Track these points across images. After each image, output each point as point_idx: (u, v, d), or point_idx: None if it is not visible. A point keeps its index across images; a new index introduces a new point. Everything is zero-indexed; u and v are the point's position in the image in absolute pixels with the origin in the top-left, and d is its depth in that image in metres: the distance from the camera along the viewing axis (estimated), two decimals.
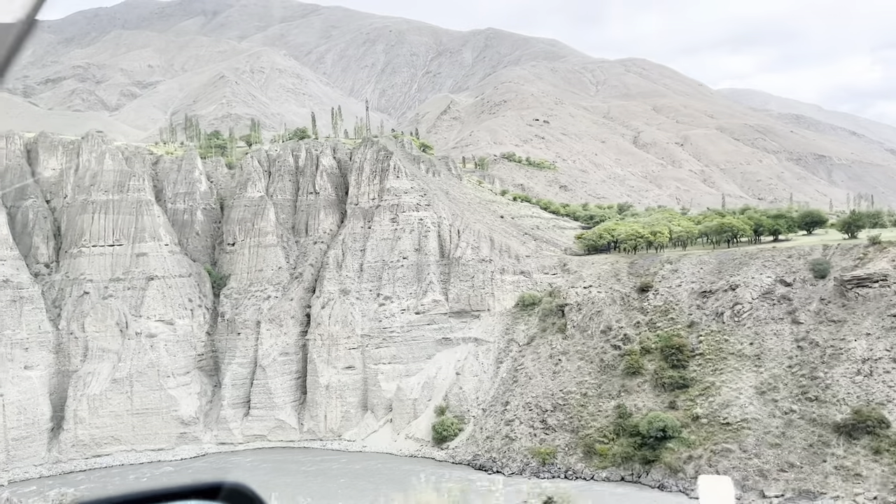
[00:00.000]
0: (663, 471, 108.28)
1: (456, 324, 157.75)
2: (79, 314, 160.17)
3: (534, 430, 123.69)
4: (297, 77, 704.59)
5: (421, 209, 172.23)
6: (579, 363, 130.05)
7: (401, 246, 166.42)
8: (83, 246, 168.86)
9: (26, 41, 4.12)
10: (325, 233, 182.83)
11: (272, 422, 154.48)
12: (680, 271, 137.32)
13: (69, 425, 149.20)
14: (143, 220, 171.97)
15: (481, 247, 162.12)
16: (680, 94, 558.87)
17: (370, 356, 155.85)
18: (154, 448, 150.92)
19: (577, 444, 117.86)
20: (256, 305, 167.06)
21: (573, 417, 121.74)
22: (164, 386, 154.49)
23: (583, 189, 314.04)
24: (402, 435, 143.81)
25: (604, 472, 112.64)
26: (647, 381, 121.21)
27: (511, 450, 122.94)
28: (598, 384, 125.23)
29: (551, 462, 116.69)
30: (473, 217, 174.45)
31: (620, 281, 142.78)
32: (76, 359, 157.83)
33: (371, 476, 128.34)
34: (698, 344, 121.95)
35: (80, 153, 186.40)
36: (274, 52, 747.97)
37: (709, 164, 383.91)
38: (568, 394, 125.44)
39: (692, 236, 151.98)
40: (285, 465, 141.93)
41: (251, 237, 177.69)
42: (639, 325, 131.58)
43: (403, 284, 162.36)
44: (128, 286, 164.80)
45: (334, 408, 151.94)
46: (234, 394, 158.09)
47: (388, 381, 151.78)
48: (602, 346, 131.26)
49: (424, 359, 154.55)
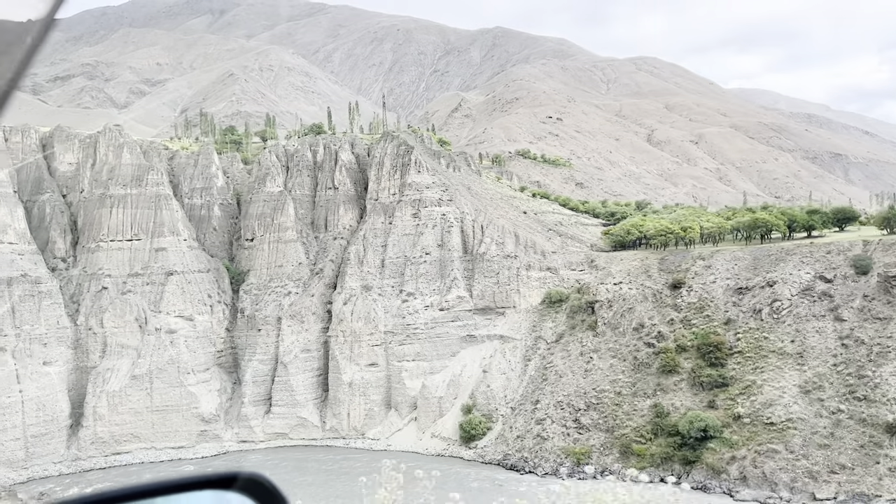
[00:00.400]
0: (705, 472, 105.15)
1: (480, 321, 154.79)
2: (97, 309, 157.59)
3: (566, 430, 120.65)
4: (306, 75, 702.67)
5: (443, 204, 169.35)
6: (612, 361, 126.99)
7: (423, 241, 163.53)
8: (101, 240, 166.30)
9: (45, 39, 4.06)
10: (344, 228, 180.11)
11: (294, 419, 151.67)
12: (713, 267, 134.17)
13: (88, 422, 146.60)
14: (162, 214, 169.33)
15: (506, 242, 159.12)
16: (692, 93, 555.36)
17: (393, 353, 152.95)
18: (174, 446, 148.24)
19: (613, 443, 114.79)
20: (277, 301, 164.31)
21: (608, 416, 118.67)
22: (184, 383, 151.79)
23: (599, 186, 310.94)
24: (427, 433, 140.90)
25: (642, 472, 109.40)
26: (683, 379, 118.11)
27: (543, 449, 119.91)
28: (632, 383, 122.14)
29: (586, 462, 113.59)
30: (496, 212, 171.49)
31: (651, 277, 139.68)
32: (95, 355, 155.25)
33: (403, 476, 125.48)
34: (736, 342, 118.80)
35: (97, 147, 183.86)
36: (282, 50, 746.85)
37: (724, 163, 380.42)
38: (601, 392, 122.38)
39: (723, 232, 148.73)
40: (308, 464, 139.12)
41: (270, 232, 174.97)
42: (672, 322, 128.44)
43: (426, 280, 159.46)
44: (146, 281, 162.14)
45: (357, 405, 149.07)
46: (255, 391, 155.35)
47: (412, 379, 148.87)
48: (635, 343, 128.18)
49: (449, 356, 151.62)
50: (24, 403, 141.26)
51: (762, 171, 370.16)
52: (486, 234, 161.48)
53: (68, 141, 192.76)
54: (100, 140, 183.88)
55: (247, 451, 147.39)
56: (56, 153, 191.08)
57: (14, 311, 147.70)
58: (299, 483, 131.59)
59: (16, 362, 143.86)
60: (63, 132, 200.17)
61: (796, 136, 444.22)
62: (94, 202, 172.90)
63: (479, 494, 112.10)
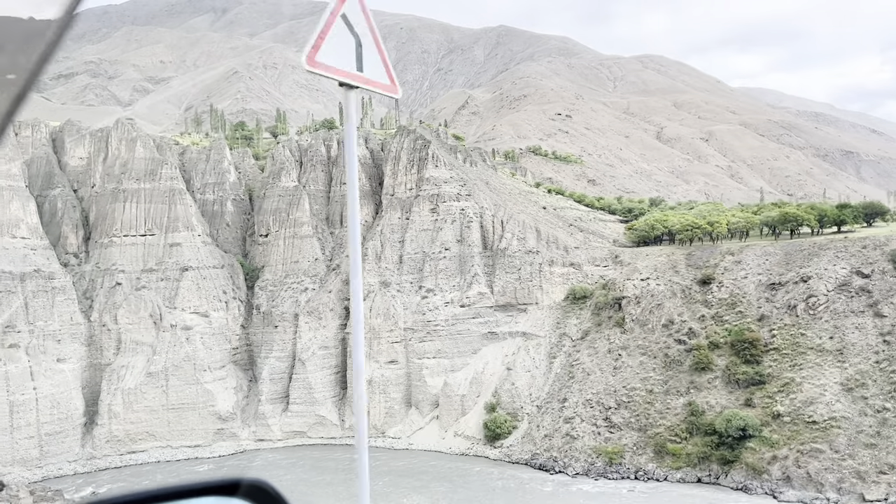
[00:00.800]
0: (745, 472, 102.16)
1: (502, 317, 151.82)
2: (111, 306, 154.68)
3: (597, 429, 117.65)
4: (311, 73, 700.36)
5: (462, 199, 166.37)
6: (641, 358, 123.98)
7: (442, 237, 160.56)
8: (114, 236, 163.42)
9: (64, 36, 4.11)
10: (360, 224, 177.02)
11: (312, 418, 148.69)
12: (744, 263, 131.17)
13: (103, 420, 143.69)
14: (177, 209, 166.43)
15: (527, 238, 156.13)
16: (699, 91, 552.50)
17: (413, 350, 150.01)
18: (190, 444, 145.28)
19: (647, 443, 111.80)
20: (294, 298, 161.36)
21: (640, 415, 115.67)
22: (200, 380, 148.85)
23: (611, 183, 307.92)
24: (450, 432, 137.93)
25: (678, 472, 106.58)
26: (717, 377, 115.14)
27: (573, 449, 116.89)
28: (663, 380, 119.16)
29: (619, 462, 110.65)
30: (516, 207, 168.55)
31: (679, 273, 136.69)
32: (109, 352, 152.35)
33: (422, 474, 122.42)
34: (771, 338, 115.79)
35: (108, 141, 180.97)
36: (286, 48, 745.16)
37: (735, 160, 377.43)
38: (632, 390, 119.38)
39: (752, 227, 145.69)
40: (327, 463, 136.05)
41: (286, 228, 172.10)
42: (703, 318, 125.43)
43: (446, 276, 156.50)
44: (161, 277, 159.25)
45: (377, 404, 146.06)
46: (272, 389, 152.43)
47: (433, 377, 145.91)
48: (665, 340, 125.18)
49: (470, 353, 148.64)
50: (38, 401, 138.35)
51: (774, 169, 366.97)
52: (506, 230, 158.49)
53: (79, 135, 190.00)
54: (112, 134, 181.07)
55: (264, 450, 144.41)
56: (66, 147, 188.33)
57: (27, 307, 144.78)
58: (317, 482, 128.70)
59: (29, 359, 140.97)
60: (73, 126, 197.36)
61: (807, 133, 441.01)
62: (107, 197, 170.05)
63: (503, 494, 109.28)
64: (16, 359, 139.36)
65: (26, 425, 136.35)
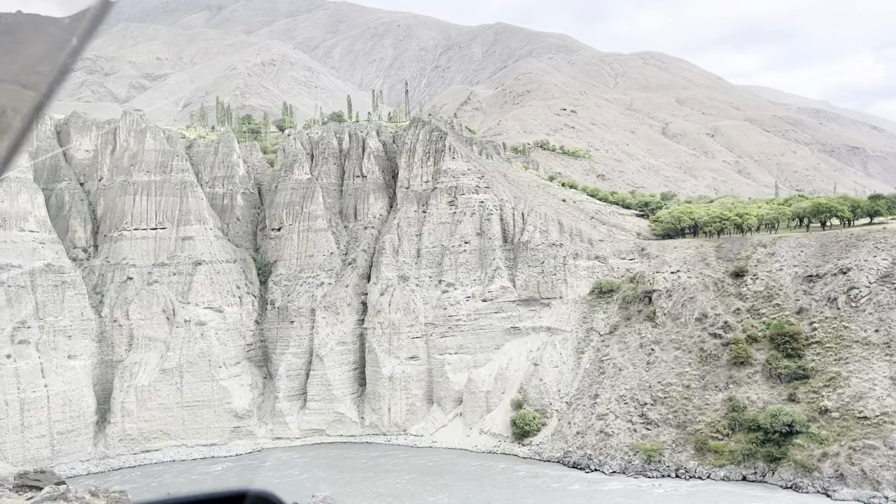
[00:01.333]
0: (794, 469, 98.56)
1: (524, 312, 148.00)
2: (122, 301, 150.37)
3: (632, 425, 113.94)
4: (309, 70, 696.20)
5: (480, 191, 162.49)
6: (675, 353, 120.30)
7: (462, 230, 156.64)
8: (124, 229, 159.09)
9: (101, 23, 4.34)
10: (374, 217, 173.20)
11: (331, 415, 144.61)
12: (777, 255, 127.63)
13: (116, 418, 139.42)
14: (188, 202, 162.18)
15: (550, 230, 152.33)
16: (701, 87, 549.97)
17: (435, 346, 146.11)
18: (206, 443, 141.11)
19: (686, 439, 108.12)
20: (310, 292, 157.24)
21: (677, 411, 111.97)
22: (215, 377, 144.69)
23: (620, 178, 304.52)
24: (474, 430, 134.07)
25: (721, 470, 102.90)
26: (757, 371, 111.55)
27: (608, 446, 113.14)
28: (700, 375, 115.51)
29: (657, 460, 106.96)
30: (537, 200, 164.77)
31: (710, 265, 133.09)
32: (121, 348, 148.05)
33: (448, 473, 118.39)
34: (812, 332, 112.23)
35: (117, 133, 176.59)
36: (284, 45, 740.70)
37: (742, 156, 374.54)
38: (668, 386, 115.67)
39: (783, 219, 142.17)
40: (347, 461, 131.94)
41: (300, 221, 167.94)
42: (738, 312, 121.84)
43: (467, 270, 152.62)
44: (173, 271, 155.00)
45: (399, 400, 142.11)
46: (289, 385, 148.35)
47: (455, 373, 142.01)
48: (699, 334, 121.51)
49: (493, 349, 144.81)
50: (49, 399, 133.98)
51: (781, 164, 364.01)
52: (528, 222, 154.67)
53: (85, 128, 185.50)
54: (120, 125, 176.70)
55: (282, 449, 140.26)
56: (72, 140, 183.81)
57: (37, 303, 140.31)
58: (336, 481, 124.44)
59: (40, 356, 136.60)
60: (80, 118, 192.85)
61: (812, 129, 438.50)
62: (116, 190, 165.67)
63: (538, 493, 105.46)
64: (26, 355, 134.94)
65: (37, 424, 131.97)
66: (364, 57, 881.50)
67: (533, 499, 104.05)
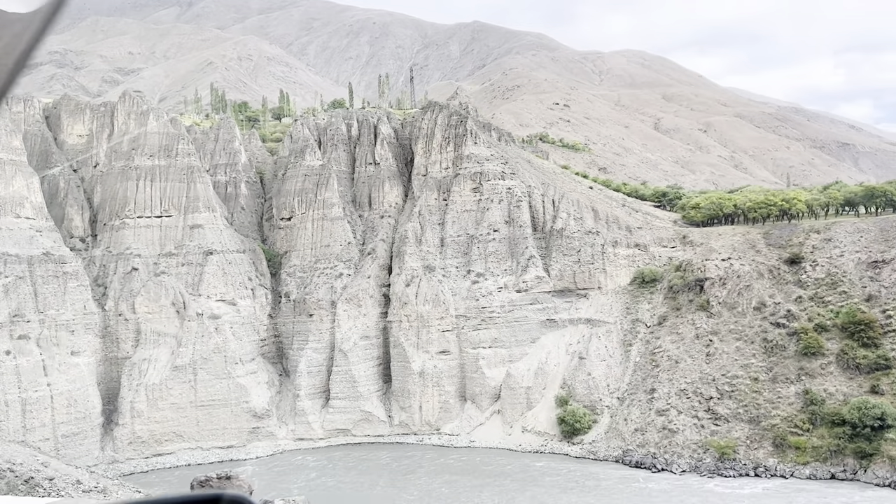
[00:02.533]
0: (890, 466, 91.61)
1: (560, 303, 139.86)
2: (128, 293, 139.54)
3: (699, 421, 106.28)
4: (287, 65, 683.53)
5: (507, 177, 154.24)
6: (737, 344, 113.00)
7: (490, 218, 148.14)
8: (126, 217, 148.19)
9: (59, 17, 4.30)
10: (390, 206, 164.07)
11: (357, 414, 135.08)
12: (835, 241, 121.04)
13: (125, 419, 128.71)
14: (197, 187, 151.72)
15: (584, 217, 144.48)
16: (686, 85, 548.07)
17: (467, 339, 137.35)
18: (223, 445, 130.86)
19: (762, 435, 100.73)
20: (328, 284, 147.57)
21: (748, 405, 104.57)
22: (231, 374, 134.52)
23: (621, 171, 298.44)
24: (515, 428, 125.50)
25: (805, 468, 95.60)
26: (831, 362, 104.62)
27: (673, 444, 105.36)
28: (767, 367, 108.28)
29: (732, 457, 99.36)
30: (567, 186, 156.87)
31: (760, 252, 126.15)
32: (126, 344, 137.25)
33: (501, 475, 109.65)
34: (887, 319, 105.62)
35: (114, 116, 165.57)
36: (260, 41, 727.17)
37: (736, 151, 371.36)
38: (734, 378, 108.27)
39: (834, 204, 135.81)
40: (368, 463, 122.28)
41: (314, 209, 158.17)
42: (800, 300, 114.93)
43: (497, 260, 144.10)
44: (182, 262, 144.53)
45: (430, 397, 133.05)
46: (310, 383, 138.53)
47: (490, 368, 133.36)
48: (759, 324, 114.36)
49: (528, 342, 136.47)
50: (53, 399, 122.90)
51: (777, 160, 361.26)
52: (560, 209, 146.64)
53: (78, 111, 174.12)
54: (118, 107, 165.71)
55: (306, 451, 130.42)
56: (63, 124, 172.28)
57: (36, 295, 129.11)
58: (359, 485, 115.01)
59: (42, 352, 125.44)
60: (71, 101, 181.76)
61: (801, 126, 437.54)
62: (115, 175, 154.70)
63: (609, 495, 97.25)
64: (26, 351, 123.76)
65: (41, 426, 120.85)
66: (340, 54, 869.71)
67: (616, 501, 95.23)
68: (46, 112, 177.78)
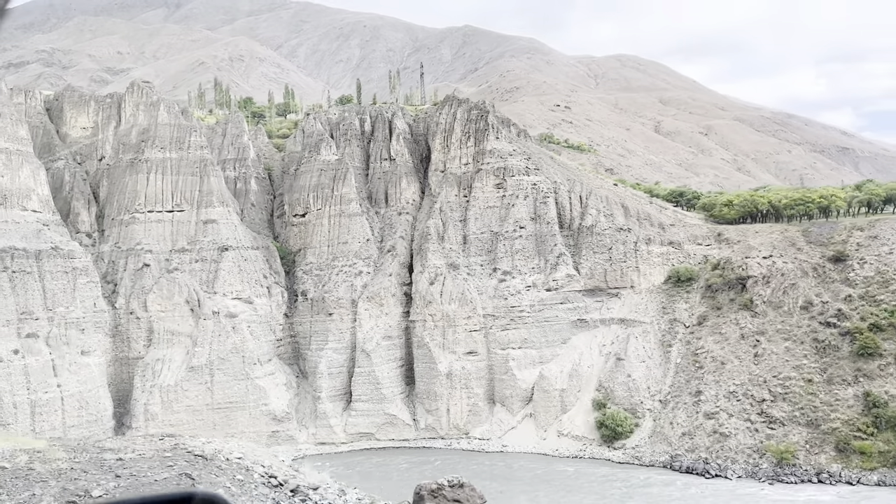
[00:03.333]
0: None
1: (590, 303, 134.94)
2: (139, 290, 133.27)
3: (752, 424, 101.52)
4: (278, 66, 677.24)
5: (531, 173, 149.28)
6: (786, 344, 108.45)
7: (515, 214, 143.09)
8: (136, 211, 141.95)
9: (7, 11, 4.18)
10: (408, 203, 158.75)
11: (381, 417, 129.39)
12: (881, 238, 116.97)
13: (138, 423, 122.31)
14: (210, 181, 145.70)
15: (615, 214, 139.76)
16: (681, 89, 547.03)
17: (495, 339, 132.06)
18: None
19: (823, 440, 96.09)
20: (348, 282, 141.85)
21: (804, 408, 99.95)
22: (250, 375, 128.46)
23: (628, 173, 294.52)
24: (550, 432, 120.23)
25: (873, 474, 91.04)
26: (890, 363, 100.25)
27: (725, 448, 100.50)
28: (821, 368, 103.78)
29: (791, 462, 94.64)
30: (594, 182, 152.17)
31: (801, 250, 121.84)
32: (138, 343, 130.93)
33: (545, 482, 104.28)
34: None
35: (121, 107, 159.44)
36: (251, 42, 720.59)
37: (738, 154, 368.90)
38: (787, 380, 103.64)
39: (877, 201, 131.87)
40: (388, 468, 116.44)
41: (330, 205, 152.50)
42: (850, 299, 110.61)
43: (524, 258, 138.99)
44: (195, 258, 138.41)
45: (458, 400, 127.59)
46: (331, 384, 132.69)
47: (521, 369, 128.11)
48: (808, 323, 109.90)
49: (559, 343, 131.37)
50: (63, 400, 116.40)
51: (779, 163, 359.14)
52: (589, 206, 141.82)
53: (82, 102, 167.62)
54: (126, 98, 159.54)
55: (329, 455, 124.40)
56: (66, 117, 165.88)
57: (45, 291, 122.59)
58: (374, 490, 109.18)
59: (51, 351, 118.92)
60: (74, 92, 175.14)
61: (799, 130, 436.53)
62: (123, 168, 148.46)
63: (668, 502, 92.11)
64: (35, 350, 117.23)
65: (50, 429, 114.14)
66: (330, 57, 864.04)
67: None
68: (47, 104, 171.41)
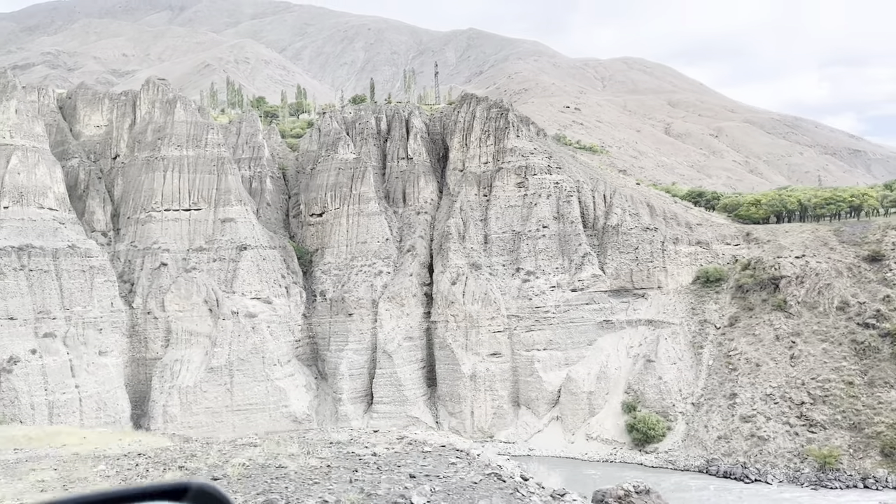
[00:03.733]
0: None
1: (616, 304, 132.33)
2: (156, 290, 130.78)
3: (791, 428, 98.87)
4: (284, 69, 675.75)
5: (553, 172, 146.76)
6: (823, 346, 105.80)
7: (538, 213, 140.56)
8: (153, 210, 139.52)
9: None
10: (426, 202, 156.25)
11: (403, 419, 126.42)
12: None
13: (157, 424, 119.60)
14: (228, 179, 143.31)
15: (640, 213, 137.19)
16: (689, 91, 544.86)
17: (520, 341, 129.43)
18: None
19: (867, 444, 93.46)
20: (368, 282, 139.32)
21: (846, 411, 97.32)
22: (270, 376, 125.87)
23: (641, 174, 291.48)
24: (578, 435, 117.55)
25: None
26: None
27: (765, 453, 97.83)
28: (861, 370, 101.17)
29: (835, 467, 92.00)
30: (618, 181, 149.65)
31: (835, 250, 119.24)
32: (156, 344, 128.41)
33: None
34: None
35: (136, 105, 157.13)
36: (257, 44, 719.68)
37: (750, 156, 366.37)
38: (826, 382, 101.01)
39: None
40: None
41: (349, 204, 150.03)
42: (888, 299, 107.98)
43: (547, 258, 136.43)
44: (213, 257, 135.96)
45: (483, 402, 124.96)
46: (352, 386, 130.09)
47: (546, 371, 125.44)
48: (845, 324, 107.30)
49: (585, 344, 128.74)
50: (81, 401, 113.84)
51: (791, 165, 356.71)
52: (613, 205, 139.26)
53: (95, 100, 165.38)
54: (141, 96, 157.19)
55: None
56: (79, 115, 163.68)
57: (62, 290, 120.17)
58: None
59: (69, 351, 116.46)
60: (88, 90, 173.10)
61: (810, 133, 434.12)
62: (139, 167, 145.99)
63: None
64: (53, 350, 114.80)
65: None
66: (335, 59, 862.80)
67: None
68: (60, 102, 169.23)
